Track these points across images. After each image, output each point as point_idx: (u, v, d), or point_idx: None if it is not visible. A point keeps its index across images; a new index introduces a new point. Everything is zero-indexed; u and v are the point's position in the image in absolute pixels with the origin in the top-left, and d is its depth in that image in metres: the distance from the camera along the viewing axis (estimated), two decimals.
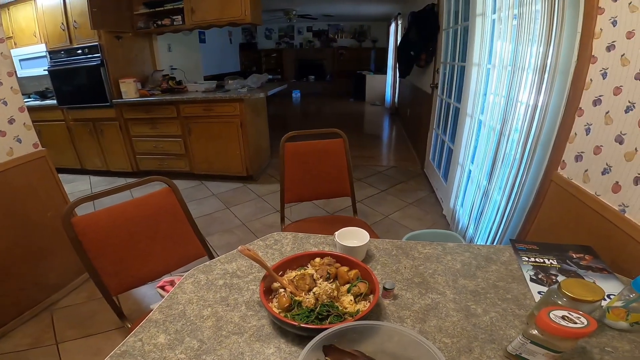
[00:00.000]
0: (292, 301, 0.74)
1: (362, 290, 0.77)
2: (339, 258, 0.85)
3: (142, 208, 1.21)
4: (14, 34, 3.54)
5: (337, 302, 0.75)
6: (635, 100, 0.93)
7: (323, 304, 0.73)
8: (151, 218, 1.21)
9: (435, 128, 3.32)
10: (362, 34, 9.24)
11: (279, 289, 0.78)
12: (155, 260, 1.21)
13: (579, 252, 0.94)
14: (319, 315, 0.71)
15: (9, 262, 1.71)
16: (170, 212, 1.26)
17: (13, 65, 1.78)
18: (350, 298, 0.75)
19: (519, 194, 1.56)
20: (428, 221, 2.74)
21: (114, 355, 0.66)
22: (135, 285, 1.17)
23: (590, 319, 0.56)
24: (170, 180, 1.26)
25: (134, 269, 1.16)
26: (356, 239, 0.96)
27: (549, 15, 1.28)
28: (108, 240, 1.11)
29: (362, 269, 0.81)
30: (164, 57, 4.13)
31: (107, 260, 1.11)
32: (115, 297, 1.12)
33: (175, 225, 1.27)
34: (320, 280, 0.79)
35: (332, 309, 0.72)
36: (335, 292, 0.76)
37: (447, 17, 2.94)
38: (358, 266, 0.82)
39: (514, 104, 1.57)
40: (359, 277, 0.80)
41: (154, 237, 1.21)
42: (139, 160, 3.73)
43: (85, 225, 1.07)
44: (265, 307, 0.71)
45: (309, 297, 0.74)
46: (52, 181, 1.94)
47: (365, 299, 0.76)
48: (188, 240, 1.30)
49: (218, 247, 2.46)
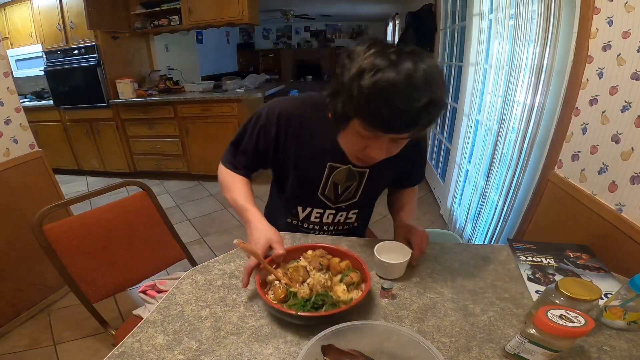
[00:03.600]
0: (288, 292, 0.75)
1: (354, 279, 0.78)
2: (330, 250, 0.86)
3: (117, 213, 1.19)
4: (10, 34, 3.52)
5: (331, 292, 0.76)
6: (631, 99, 0.93)
7: (318, 294, 0.74)
8: (127, 223, 1.20)
9: (432, 128, 3.33)
10: (359, 34, 9.23)
11: (273, 281, 0.79)
12: (134, 265, 1.19)
13: (576, 251, 0.94)
14: (315, 305, 0.72)
15: (6, 264, 1.70)
16: (147, 215, 1.25)
17: (9, 66, 1.77)
18: (343, 287, 0.77)
19: (516, 193, 1.57)
20: (426, 221, 2.75)
21: (111, 356, 0.66)
22: (115, 292, 1.15)
23: (588, 318, 0.57)
24: (144, 184, 1.26)
25: (113, 275, 1.14)
26: (395, 253, 0.86)
27: (545, 15, 1.29)
28: (83, 247, 1.09)
29: (353, 259, 0.83)
30: (161, 58, 4.11)
31: (84, 267, 1.08)
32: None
33: (153, 229, 1.26)
34: (314, 272, 0.81)
35: (326, 298, 0.73)
36: (329, 282, 0.78)
37: (444, 17, 2.94)
38: (349, 257, 0.84)
39: (511, 103, 1.57)
40: (350, 268, 0.82)
41: (131, 242, 1.20)
42: (136, 161, 3.72)
43: (59, 232, 1.05)
44: (262, 298, 0.71)
45: (304, 288, 0.75)
46: (49, 182, 1.93)
47: (358, 287, 0.78)
48: (166, 243, 1.29)
49: (216, 248, 2.45)
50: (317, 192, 0.97)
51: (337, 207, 1.01)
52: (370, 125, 0.67)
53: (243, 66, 8.47)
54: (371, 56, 0.63)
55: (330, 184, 0.96)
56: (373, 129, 0.67)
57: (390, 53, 0.63)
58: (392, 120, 0.63)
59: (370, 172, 0.94)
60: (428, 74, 0.61)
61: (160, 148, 3.58)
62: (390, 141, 0.73)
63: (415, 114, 0.62)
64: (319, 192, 0.97)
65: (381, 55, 0.62)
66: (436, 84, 0.63)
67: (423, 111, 0.62)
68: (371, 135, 0.70)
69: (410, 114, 0.62)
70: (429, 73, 0.62)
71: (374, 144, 0.73)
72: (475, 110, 2.11)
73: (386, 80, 0.60)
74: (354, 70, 0.64)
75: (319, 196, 0.98)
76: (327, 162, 0.92)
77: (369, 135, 0.71)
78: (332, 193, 0.98)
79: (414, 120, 0.63)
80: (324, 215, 1.02)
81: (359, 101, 0.64)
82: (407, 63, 0.61)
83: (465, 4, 2.34)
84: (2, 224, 1.68)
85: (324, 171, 0.93)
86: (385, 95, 0.60)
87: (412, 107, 0.61)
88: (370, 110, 0.64)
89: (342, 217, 1.04)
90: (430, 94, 0.61)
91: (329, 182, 0.95)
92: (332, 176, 0.94)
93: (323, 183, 0.96)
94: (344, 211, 1.02)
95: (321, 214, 1.02)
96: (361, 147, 0.77)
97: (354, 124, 0.71)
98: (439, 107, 0.65)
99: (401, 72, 0.60)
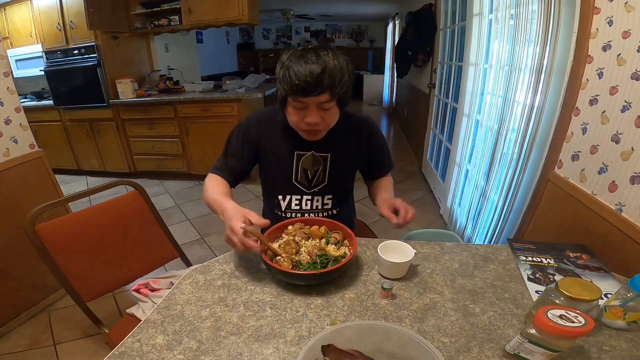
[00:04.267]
0: (293, 263, 0.83)
1: (338, 238, 0.92)
2: (306, 221, 0.99)
3: (109, 212, 1.19)
4: (10, 34, 3.52)
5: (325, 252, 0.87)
6: (631, 99, 0.93)
7: (318, 255, 0.85)
8: (119, 222, 1.20)
9: (432, 128, 3.33)
10: (359, 34, 9.24)
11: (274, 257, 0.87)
12: (127, 264, 1.20)
13: (576, 251, 0.94)
14: (322, 264, 0.83)
15: (6, 264, 1.71)
16: (139, 215, 1.25)
17: (9, 66, 1.77)
18: (333, 246, 0.90)
19: (516, 193, 1.57)
20: (426, 221, 2.75)
21: (111, 356, 0.66)
22: (108, 290, 1.16)
23: (588, 318, 0.57)
24: (137, 183, 1.26)
25: (106, 274, 1.15)
26: (398, 253, 0.87)
27: (545, 15, 1.29)
28: (76, 246, 1.10)
29: (329, 223, 0.97)
30: (161, 58, 4.11)
31: (77, 266, 1.09)
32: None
33: (145, 229, 1.26)
34: (303, 241, 0.91)
35: (328, 256, 0.85)
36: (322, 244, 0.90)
37: (444, 17, 2.94)
38: (324, 222, 0.98)
39: (511, 103, 1.57)
40: (328, 232, 0.95)
41: (124, 241, 1.20)
42: (136, 161, 3.72)
43: (51, 232, 1.05)
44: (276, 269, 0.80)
45: (304, 255, 0.85)
46: (49, 182, 1.93)
47: (343, 244, 0.92)
48: (159, 242, 1.29)
49: (216, 248, 2.45)
50: (291, 179, 1.14)
51: (312, 192, 1.16)
52: (292, 95, 0.91)
53: (243, 66, 8.47)
54: (289, 55, 0.93)
55: (301, 170, 1.13)
56: (295, 96, 0.91)
57: (299, 51, 0.92)
58: (303, 86, 0.87)
59: (331, 156, 1.12)
60: (322, 57, 0.88)
61: (160, 148, 3.58)
62: (319, 108, 0.93)
63: (315, 78, 0.86)
64: (292, 178, 1.14)
65: (293, 52, 0.92)
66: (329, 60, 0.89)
67: (321, 76, 0.87)
68: (301, 105, 0.93)
69: (312, 79, 0.86)
70: (324, 56, 0.89)
71: (307, 113, 0.95)
72: (475, 110, 2.11)
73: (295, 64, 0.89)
74: (280, 65, 0.93)
75: (294, 183, 1.15)
76: (294, 151, 1.11)
77: (300, 105, 0.94)
78: (304, 179, 1.15)
79: (317, 83, 0.87)
80: (302, 201, 1.17)
81: (283, 81, 0.91)
82: (310, 53, 0.89)
83: (465, 4, 2.34)
84: (2, 224, 1.68)
85: (293, 159, 1.12)
86: (294, 71, 0.87)
87: (312, 74, 0.86)
88: (289, 84, 0.89)
89: (318, 203, 1.18)
90: (324, 65, 0.87)
91: (299, 169, 1.13)
92: (300, 163, 1.13)
93: (294, 170, 1.13)
94: (318, 195, 1.17)
95: (300, 200, 1.17)
96: (300, 119, 0.97)
97: (289, 102, 0.95)
98: (334, 73, 0.88)
99: (303, 57, 0.89)
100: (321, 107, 0.94)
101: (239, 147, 1.14)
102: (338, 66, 0.90)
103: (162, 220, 1.30)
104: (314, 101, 0.91)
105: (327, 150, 1.11)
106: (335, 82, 0.89)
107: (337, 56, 0.92)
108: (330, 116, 0.98)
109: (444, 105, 2.98)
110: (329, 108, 0.95)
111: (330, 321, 0.73)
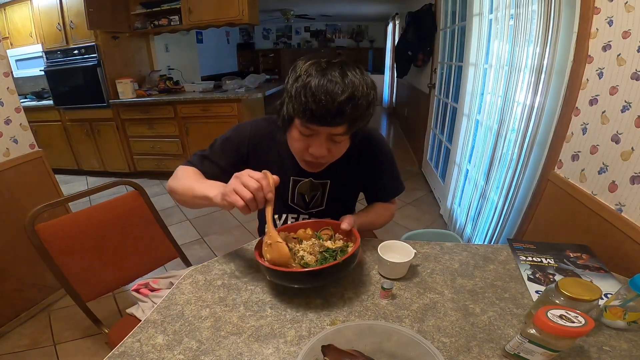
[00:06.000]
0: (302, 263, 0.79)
1: (329, 233, 0.88)
2: (288, 228, 0.91)
3: (109, 212, 1.19)
4: (10, 34, 3.53)
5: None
6: (631, 99, 0.93)
7: (324, 250, 0.81)
8: (119, 222, 1.20)
9: (432, 128, 3.33)
10: (359, 34, 9.24)
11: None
12: (127, 264, 1.20)
13: (576, 251, 0.94)
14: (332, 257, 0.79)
15: (6, 264, 1.71)
16: (139, 215, 1.25)
17: (9, 66, 1.77)
18: (329, 242, 0.85)
19: (516, 193, 1.57)
20: (426, 221, 2.75)
21: (111, 356, 0.66)
22: (108, 290, 1.16)
23: (588, 318, 0.57)
24: (136, 183, 1.25)
25: (105, 274, 1.15)
26: (398, 252, 0.87)
27: (545, 16, 1.29)
28: (76, 246, 1.09)
29: (312, 223, 0.91)
30: (161, 58, 4.11)
31: (77, 266, 1.09)
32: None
33: (145, 228, 1.26)
34: (297, 246, 0.84)
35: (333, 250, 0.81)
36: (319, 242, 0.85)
37: (444, 17, 2.94)
38: (308, 224, 0.91)
39: (511, 103, 1.57)
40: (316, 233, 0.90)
41: (124, 241, 1.20)
42: (136, 161, 3.72)
43: (51, 232, 1.05)
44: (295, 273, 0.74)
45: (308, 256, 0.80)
46: (49, 182, 1.93)
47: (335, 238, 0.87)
48: (159, 242, 1.29)
49: (216, 248, 2.45)
50: (287, 201, 1.06)
51: (309, 213, 1.08)
52: (304, 118, 0.77)
53: (243, 66, 8.46)
54: (307, 66, 0.77)
55: (297, 195, 1.05)
56: (307, 122, 0.77)
57: (323, 63, 0.76)
58: (320, 112, 0.73)
59: (331, 182, 1.02)
60: (350, 78, 0.74)
61: (160, 148, 3.58)
62: (329, 140, 0.81)
63: (337, 106, 0.72)
64: (288, 201, 1.06)
65: (315, 64, 0.77)
66: (358, 85, 0.74)
67: (344, 104, 0.73)
68: (310, 132, 0.80)
69: (332, 106, 0.72)
70: (352, 77, 0.74)
71: (314, 142, 0.82)
72: (475, 110, 2.11)
73: (315, 80, 0.73)
74: (294, 76, 0.78)
75: (290, 204, 1.06)
76: (290, 176, 1.01)
77: (308, 132, 0.80)
78: (300, 202, 1.06)
79: (338, 113, 0.73)
80: (299, 219, 1.09)
81: (295, 99, 0.76)
82: (334, 70, 0.74)
83: (465, 4, 2.34)
84: (2, 224, 1.68)
85: (289, 185, 1.03)
86: (312, 91, 0.72)
87: (334, 101, 0.72)
88: (302, 105, 0.74)
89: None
90: (352, 91, 0.73)
91: (295, 193, 1.04)
92: (297, 188, 1.03)
93: (290, 194, 1.04)
94: (315, 217, 1.08)
95: (296, 218, 1.09)
96: (305, 147, 0.84)
97: (295, 124, 0.81)
98: (359, 104, 0.75)
99: (326, 75, 0.73)
100: (332, 138, 0.81)
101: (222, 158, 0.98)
102: (365, 94, 0.75)
103: (162, 220, 1.30)
104: (327, 131, 0.79)
105: (327, 176, 1.00)
106: (357, 115, 0.76)
107: (365, 79, 0.76)
108: (339, 150, 0.86)
109: (444, 105, 2.98)
110: (340, 141, 0.83)
111: (330, 321, 0.73)
